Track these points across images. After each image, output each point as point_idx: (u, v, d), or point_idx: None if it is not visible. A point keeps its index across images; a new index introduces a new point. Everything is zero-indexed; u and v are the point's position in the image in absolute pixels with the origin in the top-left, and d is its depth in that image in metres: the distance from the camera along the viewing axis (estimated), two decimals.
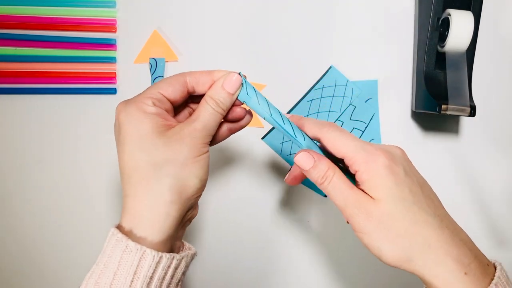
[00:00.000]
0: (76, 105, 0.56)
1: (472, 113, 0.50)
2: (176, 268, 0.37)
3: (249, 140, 0.57)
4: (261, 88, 0.57)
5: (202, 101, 0.39)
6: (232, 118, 0.42)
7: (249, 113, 0.42)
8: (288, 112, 0.57)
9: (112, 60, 0.56)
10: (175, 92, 0.39)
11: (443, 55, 0.52)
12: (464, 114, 0.50)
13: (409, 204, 0.36)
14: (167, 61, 0.56)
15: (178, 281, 0.39)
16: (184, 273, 0.39)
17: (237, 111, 0.41)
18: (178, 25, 0.57)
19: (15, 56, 0.55)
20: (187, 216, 0.40)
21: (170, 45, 0.56)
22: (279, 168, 0.58)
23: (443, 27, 0.52)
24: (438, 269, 0.35)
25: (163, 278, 0.36)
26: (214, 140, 0.42)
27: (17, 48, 0.55)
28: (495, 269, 0.36)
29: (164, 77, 0.56)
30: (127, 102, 0.38)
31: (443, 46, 0.52)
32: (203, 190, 0.39)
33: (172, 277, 0.37)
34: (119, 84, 0.56)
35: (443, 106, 0.50)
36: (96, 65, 0.56)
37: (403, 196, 0.36)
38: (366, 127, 0.58)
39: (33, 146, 0.56)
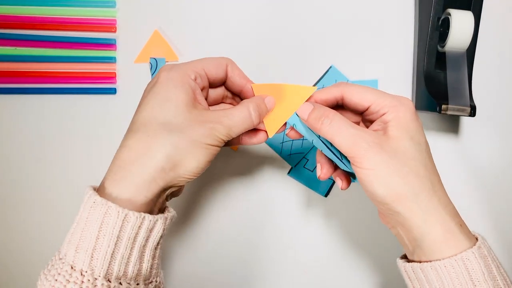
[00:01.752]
0: (76, 105, 0.56)
1: (472, 113, 0.50)
2: (150, 230, 0.37)
3: None
4: (307, 90, 0.57)
5: (244, 103, 0.40)
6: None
7: (264, 135, 0.43)
8: None
9: (112, 60, 0.56)
10: (217, 73, 0.41)
11: (443, 55, 0.52)
12: (464, 114, 0.50)
13: (422, 149, 0.37)
14: (168, 61, 0.56)
15: (157, 245, 0.38)
16: (162, 237, 0.38)
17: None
18: (178, 25, 0.57)
19: (15, 56, 0.55)
20: (170, 191, 0.39)
21: (171, 45, 0.56)
22: (279, 168, 0.58)
23: (443, 27, 0.52)
24: (438, 214, 0.36)
25: (135, 238, 0.36)
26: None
27: (17, 48, 0.55)
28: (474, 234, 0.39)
29: None
30: (173, 66, 0.40)
31: (443, 46, 0.52)
32: (194, 176, 0.38)
33: (147, 239, 0.37)
34: (119, 84, 0.56)
35: (443, 106, 0.50)
36: (96, 65, 0.56)
37: (420, 141, 0.37)
38: None
39: (33, 146, 0.56)
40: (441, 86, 0.54)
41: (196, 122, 0.37)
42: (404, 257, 0.41)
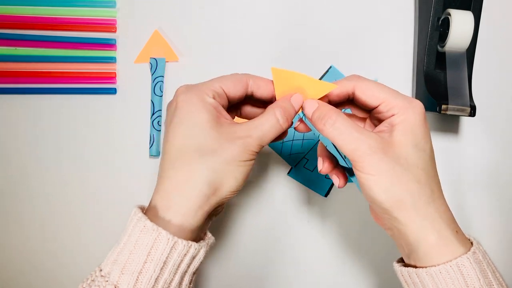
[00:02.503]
0: (76, 105, 0.56)
1: (472, 113, 0.50)
2: (193, 257, 0.37)
3: None
4: (327, 87, 0.57)
5: (269, 109, 0.39)
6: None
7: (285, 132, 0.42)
8: None
9: (112, 60, 0.56)
10: (235, 91, 0.40)
11: (443, 55, 0.52)
12: (464, 114, 0.50)
13: (426, 156, 0.37)
14: (168, 61, 0.56)
15: (195, 271, 0.39)
16: (201, 262, 0.39)
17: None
18: (178, 25, 0.57)
19: (15, 56, 0.55)
20: (215, 211, 0.40)
21: (171, 45, 0.56)
22: (279, 168, 0.58)
23: (443, 27, 0.52)
24: (435, 222, 0.36)
25: (179, 265, 0.36)
26: None
27: (17, 48, 0.55)
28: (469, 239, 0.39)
29: (165, 77, 0.56)
30: (189, 87, 0.39)
31: (443, 46, 0.52)
32: (236, 194, 0.39)
33: (188, 265, 0.37)
34: (119, 84, 0.56)
35: (443, 106, 0.50)
36: (96, 65, 0.56)
37: (425, 148, 0.37)
38: None
39: (32, 146, 0.56)
40: (441, 86, 0.54)
41: (227, 141, 0.37)
42: (401, 260, 0.41)
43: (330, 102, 0.41)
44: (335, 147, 0.40)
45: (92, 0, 0.55)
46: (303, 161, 0.57)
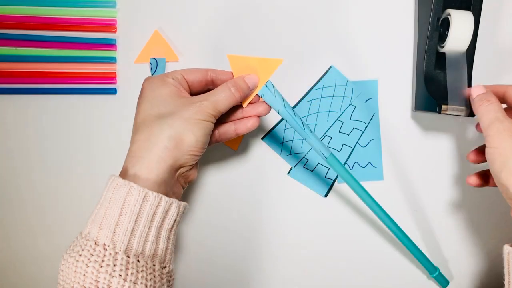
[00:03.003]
0: (76, 105, 0.56)
1: (472, 113, 0.50)
2: (166, 211, 0.40)
3: (249, 140, 0.57)
4: (274, 63, 0.57)
5: (224, 84, 0.45)
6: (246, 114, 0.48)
7: (257, 118, 0.48)
8: None
9: (112, 60, 0.56)
10: (194, 77, 0.46)
11: (443, 55, 0.52)
12: (464, 114, 0.50)
13: None
14: (168, 62, 0.56)
15: (171, 228, 0.42)
16: (176, 222, 0.42)
17: (257, 109, 0.48)
18: (178, 25, 0.57)
19: (15, 56, 0.55)
20: (181, 171, 0.43)
21: (171, 45, 0.56)
22: (278, 169, 0.58)
23: (443, 27, 0.52)
24: None
25: (153, 217, 0.39)
26: (220, 136, 0.48)
27: (17, 48, 0.55)
28: None
29: None
30: (152, 76, 0.47)
31: (443, 46, 0.52)
32: (198, 152, 0.43)
33: (163, 219, 0.40)
34: (119, 84, 0.56)
35: (443, 106, 0.50)
36: (96, 65, 0.56)
37: None
38: (366, 127, 0.58)
39: (33, 146, 0.56)
40: (440, 86, 0.54)
41: (185, 105, 0.42)
42: None
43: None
44: (295, 120, 0.46)
45: (92, 0, 0.55)
46: (303, 161, 0.57)
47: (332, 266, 0.58)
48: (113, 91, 0.56)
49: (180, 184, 0.45)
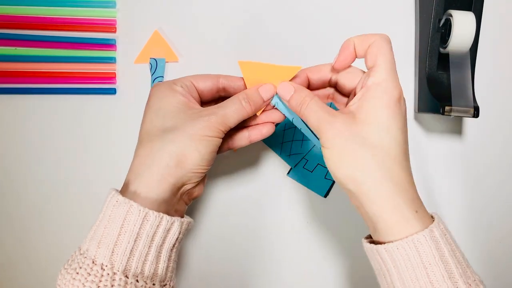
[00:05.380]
0: (76, 105, 0.56)
1: (476, 114, 0.50)
2: (167, 231, 0.39)
3: None
4: (292, 70, 0.57)
5: (235, 96, 0.42)
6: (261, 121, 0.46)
7: (272, 125, 0.46)
8: None
9: (112, 60, 0.56)
10: (205, 84, 0.44)
11: (444, 56, 0.52)
12: (468, 115, 0.50)
13: (390, 138, 0.37)
14: (167, 62, 0.56)
15: (173, 247, 0.40)
16: (178, 240, 0.40)
17: (271, 116, 0.45)
18: (178, 25, 0.57)
19: (15, 56, 0.55)
20: (185, 189, 0.41)
21: (171, 45, 0.56)
22: (278, 169, 0.57)
23: (445, 28, 0.51)
24: (391, 200, 0.36)
25: (153, 237, 0.38)
26: (233, 144, 0.46)
27: (17, 48, 0.55)
28: (433, 218, 0.38)
29: (165, 78, 0.56)
30: (161, 82, 0.43)
31: (445, 47, 0.51)
32: (203, 170, 0.41)
33: (164, 239, 0.39)
34: (119, 84, 0.56)
35: (447, 108, 0.49)
36: (96, 65, 0.56)
37: (391, 129, 0.37)
38: None
39: (33, 146, 0.56)
40: (443, 87, 0.53)
41: (192, 119, 0.40)
42: (369, 236, 0.41)
43: (312, 84, 0.45)
44: (309, 129, 0.44)
45: (92, 0, 0.55)
46: (303, 161, 0.57)
47: (332, 266, 0.58)
48: (112, 91, 0.56)
49: (183, 201, 0.43)
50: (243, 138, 0.46)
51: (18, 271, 0.56)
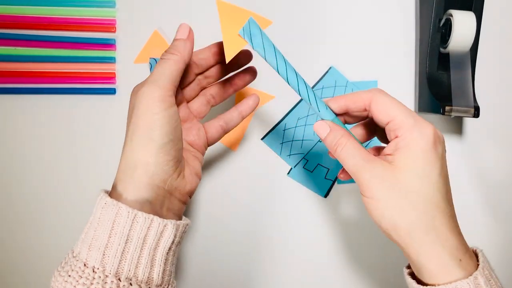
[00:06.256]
0: (76, 105, 0.56)
1: (476, 114, 0.49)
2: (161, 233, 0.38)
3: (248, 141, 0.57)
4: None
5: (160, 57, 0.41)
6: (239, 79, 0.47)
7: (256, 95, 0.47)
8: (288, 113, 0.57)
9: (111, 60, 0.56)
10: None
11: (445, 56, 0.52)
12: (468, 115, 0.50)
13: (430, 184, 0.37)
14: None
15: (170, 250, 0.39)
16: (174, 243, 0.39)
17: (244, 78, 0.48)
18: (178, 25, 0.56)
19: (15, 56, 0.55)
20: (170, 184, 0.39)
21: None
22: (278, 169, 0.57)
23: (445, 28, 0.51)
24: (434, 250, 0.36)
25: (144, 239, 0.37)
26: (227, 126, 0.46)
27: (17, 48, 0.55)
28: (476, 256, 0.38)
29: None
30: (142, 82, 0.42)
31: (445, 47, 0.51)
32: (169, 155, 0.39)
33: (157, 241, 0.38)
34: (119, 84, 0.56)
35: (447, 108, 0.49)
36: (96, 65, 0.56)
37: (430, 174, 0.37)
38: None
39: (32, 146, 0.56)
40: (444, 87, 0.53)
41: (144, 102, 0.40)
42: (409, 266, 0.41)
43: (348, 112, 0.42)
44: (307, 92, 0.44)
45: (92, 0, 0.55)
46: (303, 161, 0.57)
47: (332, 267, 0.58)
48: (112, 91, 0.56)
49: (176, 198, 0.41)
50: (234, 117, 0.46)
51: (13, 273, 0.56)
